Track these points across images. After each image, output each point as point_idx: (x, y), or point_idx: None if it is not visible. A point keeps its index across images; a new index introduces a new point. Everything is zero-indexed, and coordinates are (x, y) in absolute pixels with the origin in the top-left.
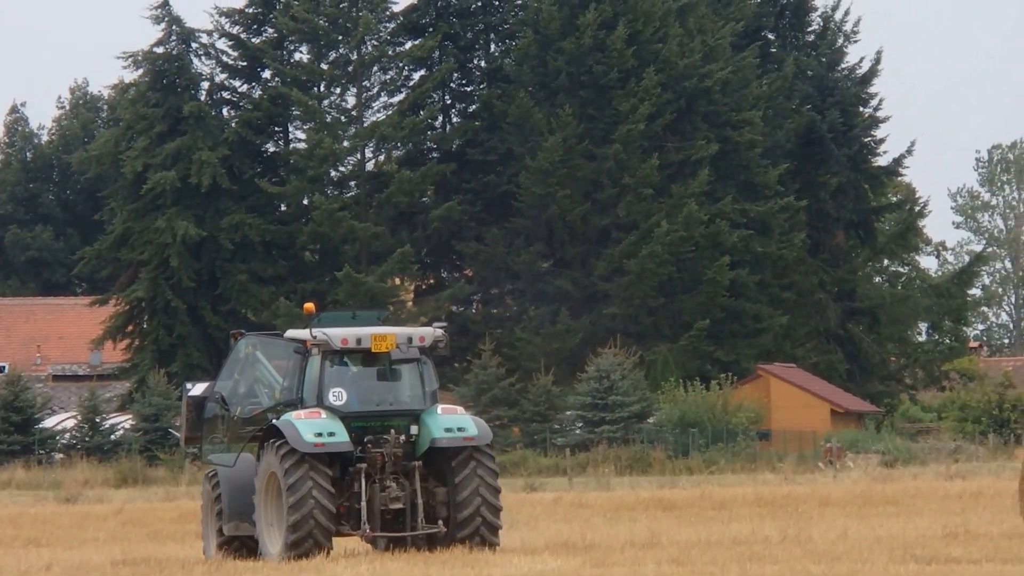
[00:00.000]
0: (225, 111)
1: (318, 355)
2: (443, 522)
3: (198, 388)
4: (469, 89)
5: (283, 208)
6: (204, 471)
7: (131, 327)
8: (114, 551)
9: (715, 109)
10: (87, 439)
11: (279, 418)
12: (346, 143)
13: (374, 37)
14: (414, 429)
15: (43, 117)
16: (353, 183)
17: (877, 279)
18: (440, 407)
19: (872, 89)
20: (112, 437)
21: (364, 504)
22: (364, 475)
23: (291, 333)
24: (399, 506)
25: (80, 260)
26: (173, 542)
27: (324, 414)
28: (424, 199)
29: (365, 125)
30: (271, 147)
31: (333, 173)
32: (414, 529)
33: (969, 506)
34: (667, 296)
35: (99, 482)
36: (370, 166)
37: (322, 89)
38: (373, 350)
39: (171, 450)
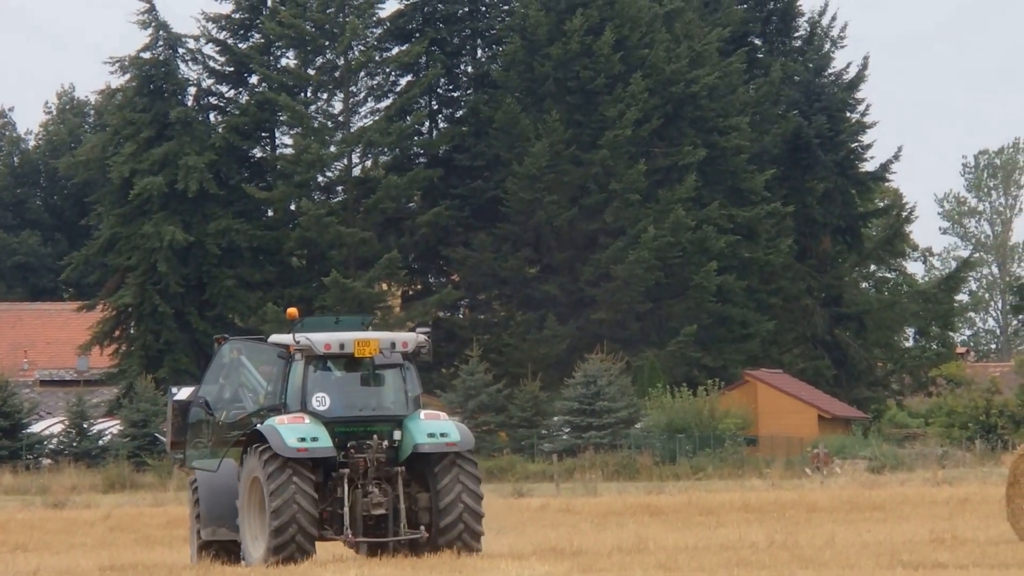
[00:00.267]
0: (212, 116)
1: (301, 360)
2: (425, 528)
3: (183, 392)
4: (456, 95)
5: (270, 213)
6: (190, 477)
7: (118, 332)
8: (102, 557)
9: (702, 115)
10: (75, 444)
11: (263, 423)
12: (333, 148)
13: (361, 43)
14: (397, 434)
15: (30, 122)
16: (340, 188)
17: (864, 284)
18: (423, 412)
19: (859, 95)
20: (100, 442)
21: (347, 509)
22: (347, 480)
23: (275, 338)
24: (382, 511)
25: (67, 265)
26: (161, 547)
27: (307, 419)
28: (411, 204)
29: (352, 130)
30: (258, 152)
31: (320, 178)
32: (396, 534)
33: (956, 512)
34: (654, 301)
35: (87, 487)
36: (357, 171)
37: (309, 94)
38: (356, 355)
39: (159, 455)
